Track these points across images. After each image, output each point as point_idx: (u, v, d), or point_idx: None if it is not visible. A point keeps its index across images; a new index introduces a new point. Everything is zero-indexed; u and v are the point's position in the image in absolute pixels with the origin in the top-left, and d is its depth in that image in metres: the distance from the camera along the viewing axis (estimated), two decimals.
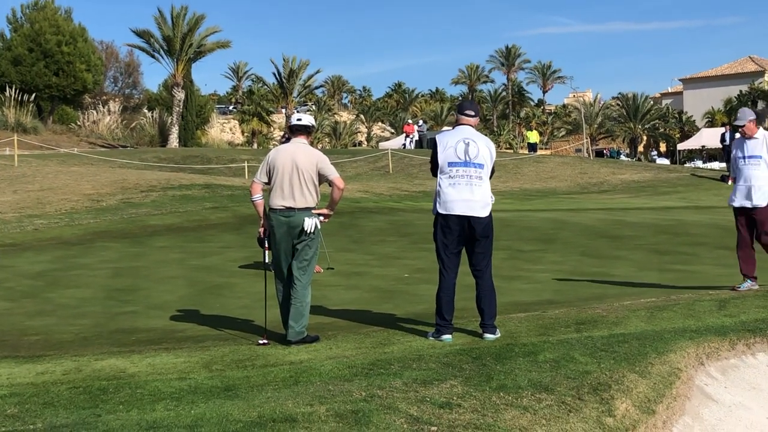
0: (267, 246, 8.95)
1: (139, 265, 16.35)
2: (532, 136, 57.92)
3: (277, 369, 7.42)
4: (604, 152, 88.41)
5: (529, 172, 40.48)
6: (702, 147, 77.31)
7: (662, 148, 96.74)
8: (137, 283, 14.13)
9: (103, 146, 55.75)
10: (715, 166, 53.71)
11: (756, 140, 10.93)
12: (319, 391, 6.57)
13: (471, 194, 8.31)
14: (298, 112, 9.35)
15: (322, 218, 8.77)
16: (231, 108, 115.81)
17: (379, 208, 26.87)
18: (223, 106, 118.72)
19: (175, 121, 60.86)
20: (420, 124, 59.93)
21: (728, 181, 36.89)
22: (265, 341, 8.61)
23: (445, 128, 63.53)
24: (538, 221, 22.70)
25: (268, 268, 9.30)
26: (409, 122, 61.34)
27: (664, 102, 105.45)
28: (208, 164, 41.92)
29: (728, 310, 9.62)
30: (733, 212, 11.22)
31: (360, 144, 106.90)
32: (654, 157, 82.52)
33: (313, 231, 8.63)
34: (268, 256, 9.12)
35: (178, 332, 9.82)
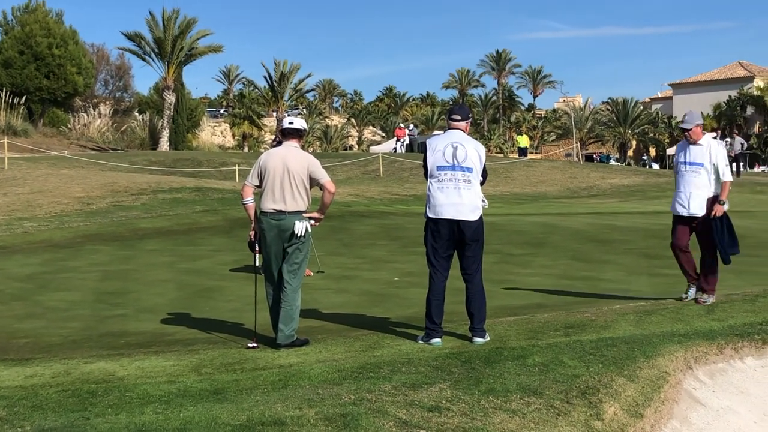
0: (258, 249, 8.96)
1: (129, 268, 16.33)
2: (523, 141, 58.02)
3: (267, 372, 7.43)
4: (594, 157, 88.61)
5: (520, 176, 40.54)
6: None
7: (652, 152, 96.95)
8: (127, 286, 14.12)
9: (93, 149, 55.62)
10: None
11: (700, 147, 10.30)
12: (308, 395, 6.58)
13: (459, 198, 8.33)
14: (289, 116, 9.31)
15: (312, 222, 8.78)
16: (222, 111, 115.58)
17: (369, 211, 26.87)
18: (214, 110, 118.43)
19: (165, 125, 60.80)
20: (411, 128, 60.01)
21: None
22: (255, 345, 8.61)
23: (436, 132, 63.61)
24: (528, 225, 22.74)
25: (259, 271, 9.31)
26: (400, 126, 61.41)
27: (654, 107, 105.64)
28: (199, 167, 41.88)
29: (716, 314, 9.66)
30: (672, 218, 10.69)
31: (351, 148, 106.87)
32: (648, 162, 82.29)
33: (303, 234, 8.64)
34: (259, 260, 9.13)
35: (167, 335, 9.81)
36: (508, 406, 6.41)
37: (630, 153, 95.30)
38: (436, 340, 8.43)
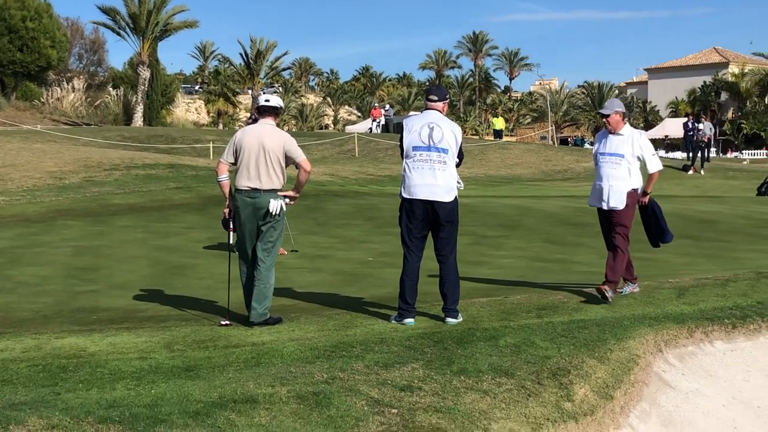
0: (232, 227, 8.94)
1: (102, 244, 16.25)
2: (498, 123, 57.97)
3: (239, 350, 7.42)
4: (569, 140, 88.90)
5: (494, 158, 40.59)
6: (665, 137, 77.88)
7: None
8: (99, 262, 14.05)
9: (66, 124, 55.15)
10: (677, 156, 54.09)
11: (621, 137, 9.65)
12: (280, 373, 6.58)
13: (434, 179, 8.33)
14: (265, 93, 9.25)
15: (287, 200, 8.76)
16: (197, 88, 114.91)
17: (344, 191, 26.85)
18: (189, 86, 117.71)
19: (140, 100, 60.43)
20: (386, 109, 59.85)
21: (690, 171, 37.29)
22: (228, 322, 8.60)
23: (412, 113, 63.49)
24: (502, 207, 22.80)
25: (233, 249, 9.28)
26: (375, 106, 61.25)
27: (629, 91, 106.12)
28: (173, 144, 41.65)
29: (687, 298, 9.74)
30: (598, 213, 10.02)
31: (326, 127, 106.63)
32: None
33: (278, 213, 8.62)
34: (233, 238, 9.11)
35: (139, 312, 9.78)
36: (480, 387, 6.44)
37: None
38: (409, 320, 8.45)
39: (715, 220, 20.30)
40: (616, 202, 9.60)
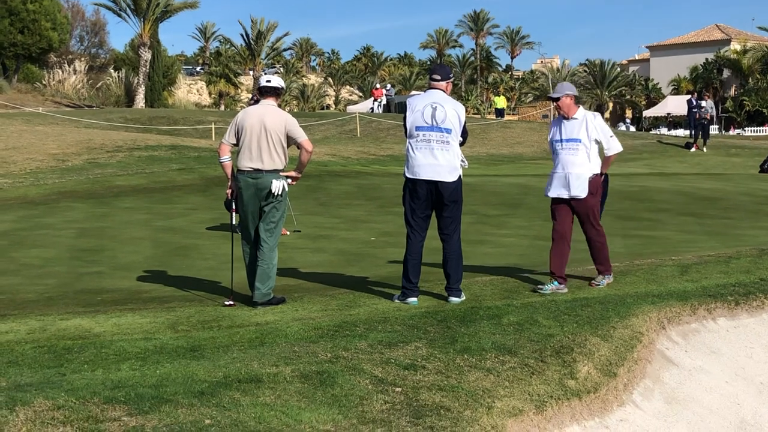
0: (234, 208, 8.95)
1: (105, 225, 16.27)
2: (500, 102, 57.80)
3: (243, 330, 7.45)
4: None
5: (496, 137, 40.51)
6: (667, 114, 77.78)
7: (628, 114, 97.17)
8: (103, 244, 14.07)
9: (68, 106, 55.10)
10: (680, 133, 54.02)
11: (575, 121, 9.13)
12: (284, 352, 6.60)
13: (437, 159, 8.32)
14: (266, 74, 9.28)
15: (289, 180, 8.76)
16: (198, 69, 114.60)
17: (346, 171, 26.83)
18: (190, 67, 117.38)
19: (141, 82, 60.31)
20: (388, 88, 59.71)
21: (692, 148, 37.23)
22: (231, 302, 8.63)
23: (414, 92, 63.38)
24: (505, 186, 22.79)
25: (235, 230, 9.29)
26: (377, 86, 61.11)
27: (631, 69, 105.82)
28: (175, 125, 41.59)
29: (690, 275, 9.75)
30: (550, 202, 9.45)
31: (328, 107, 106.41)
32: (627, 126, 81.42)
33: (280, 193, 8.62)
34: (236, 218, 9.12)
35: (143, 293, 9.81)
36: (483, 365, 6.46)
37: (606, 115, 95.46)
38: (413, 300, 8.47)
39: (717, 198, 20.29)
40: (577, 190, 9.07)
